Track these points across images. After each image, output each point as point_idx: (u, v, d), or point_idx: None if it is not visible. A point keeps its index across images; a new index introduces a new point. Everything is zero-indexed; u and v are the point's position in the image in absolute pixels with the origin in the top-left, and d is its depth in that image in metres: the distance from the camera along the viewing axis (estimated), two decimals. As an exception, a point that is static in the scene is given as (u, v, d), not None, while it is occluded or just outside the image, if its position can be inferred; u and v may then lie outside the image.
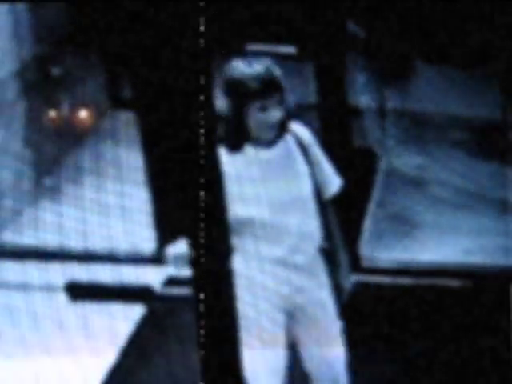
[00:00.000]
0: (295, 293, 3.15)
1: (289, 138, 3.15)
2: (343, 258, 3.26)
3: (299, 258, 3.12)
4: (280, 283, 3.13)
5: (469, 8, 6.37)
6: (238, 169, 3.06)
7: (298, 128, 3.21)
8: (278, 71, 3.10)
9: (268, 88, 3.04)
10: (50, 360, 4.24)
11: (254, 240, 3.07)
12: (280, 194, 3.08)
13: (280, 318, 3.15)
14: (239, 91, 3.05)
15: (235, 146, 3.10)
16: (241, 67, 3.05)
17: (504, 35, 5.80)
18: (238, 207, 3.02)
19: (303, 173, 3.12)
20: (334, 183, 3.24)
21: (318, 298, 3.20)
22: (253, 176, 3.07)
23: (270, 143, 3.11)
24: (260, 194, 3.04)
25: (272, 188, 3.07)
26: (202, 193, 3.19)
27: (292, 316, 3.18)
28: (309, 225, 3.13)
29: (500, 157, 6.01)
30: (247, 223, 3.06)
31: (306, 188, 3.11)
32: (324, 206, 3.20)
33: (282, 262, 3.11)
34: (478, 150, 6.19)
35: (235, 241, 3.06)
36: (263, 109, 3.03)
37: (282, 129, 3.12)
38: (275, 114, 3.06)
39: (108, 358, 4.35)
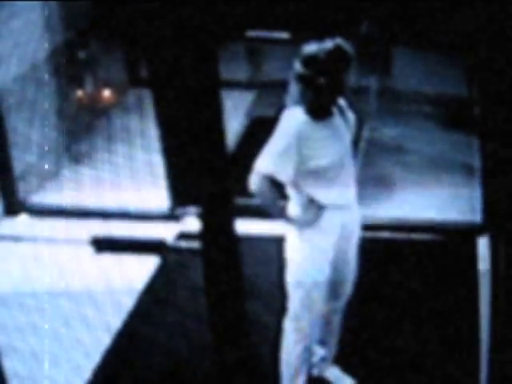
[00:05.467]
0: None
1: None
2: None
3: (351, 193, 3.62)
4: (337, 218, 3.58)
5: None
6: (321, 132, 3.45)
7: None
8: None
9: (352, 56, 3.39)
10: (75, 305, 4.50)
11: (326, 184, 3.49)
12: (342, 148, 3.51)
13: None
14: (341, 60, 3.30)
15: (327, 115, 3.47)
16: (329, 44, 3.36)
17: (470, 24, 6.15)
18: (319, 160, 3.43)
19: (346, 132, 3.59)
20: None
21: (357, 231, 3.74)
22: (328, 137, 3.48)
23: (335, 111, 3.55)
24: (331, 150, 3.47)
25: (338, 144, 3.50)
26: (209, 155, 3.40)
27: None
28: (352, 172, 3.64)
29: (466, 128, 6.42)
30: (324, 170, 3.46)
31: (349, 142, 3.60)
32: None
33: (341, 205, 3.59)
34: (447, 122, 6.57)
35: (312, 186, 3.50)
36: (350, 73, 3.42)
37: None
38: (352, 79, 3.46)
39: (126, 303, 4.60)
